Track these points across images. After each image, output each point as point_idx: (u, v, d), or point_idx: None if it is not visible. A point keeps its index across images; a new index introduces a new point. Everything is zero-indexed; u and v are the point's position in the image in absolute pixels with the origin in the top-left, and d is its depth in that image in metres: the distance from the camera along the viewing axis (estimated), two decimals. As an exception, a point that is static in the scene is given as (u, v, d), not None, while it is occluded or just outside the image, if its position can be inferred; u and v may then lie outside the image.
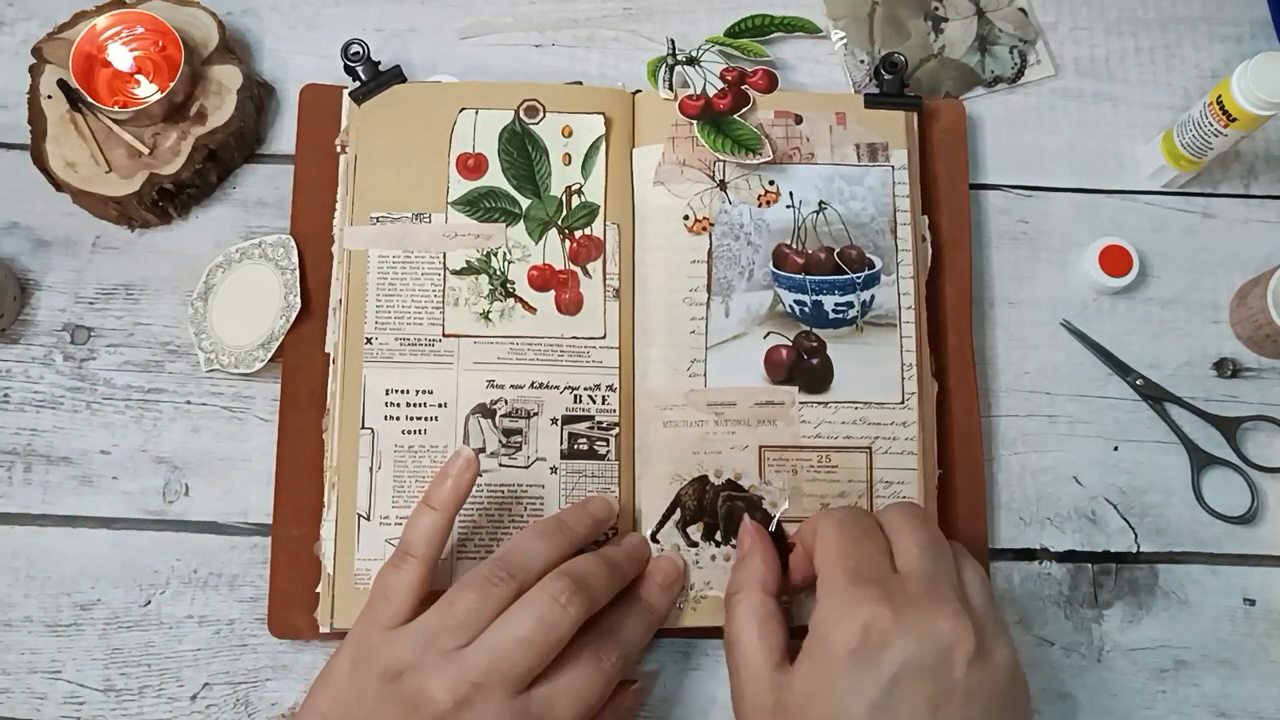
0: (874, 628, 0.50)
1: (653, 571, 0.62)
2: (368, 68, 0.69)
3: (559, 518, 0.59)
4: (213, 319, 0.67)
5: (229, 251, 0.69)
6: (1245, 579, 0.68)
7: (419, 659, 0.53)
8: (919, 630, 0.50)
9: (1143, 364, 0.71)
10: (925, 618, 0.50)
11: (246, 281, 0.68)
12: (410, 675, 0.53)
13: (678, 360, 0.66)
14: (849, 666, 0.50)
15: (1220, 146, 0.68)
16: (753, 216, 0.68)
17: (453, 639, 0.53)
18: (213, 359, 0.67)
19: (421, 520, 0.56)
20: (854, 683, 0.50)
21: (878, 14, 0.76)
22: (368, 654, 0.55)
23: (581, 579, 0.55)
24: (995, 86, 0.75)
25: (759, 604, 0.57)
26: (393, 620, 0.55)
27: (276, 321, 0.66)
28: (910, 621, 0.50)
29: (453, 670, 0.53)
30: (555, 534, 0.58)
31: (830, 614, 0.52)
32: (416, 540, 0.56)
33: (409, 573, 0.55)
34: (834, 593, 0.53)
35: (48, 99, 0.69)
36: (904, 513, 0.56)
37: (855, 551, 0.54)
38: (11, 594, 0.65)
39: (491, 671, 0.52)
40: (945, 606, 0.51)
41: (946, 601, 0.51)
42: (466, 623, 0.54)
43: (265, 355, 0.66)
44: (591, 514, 0.60)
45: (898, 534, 0.55)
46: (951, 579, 0.53)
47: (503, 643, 0.53)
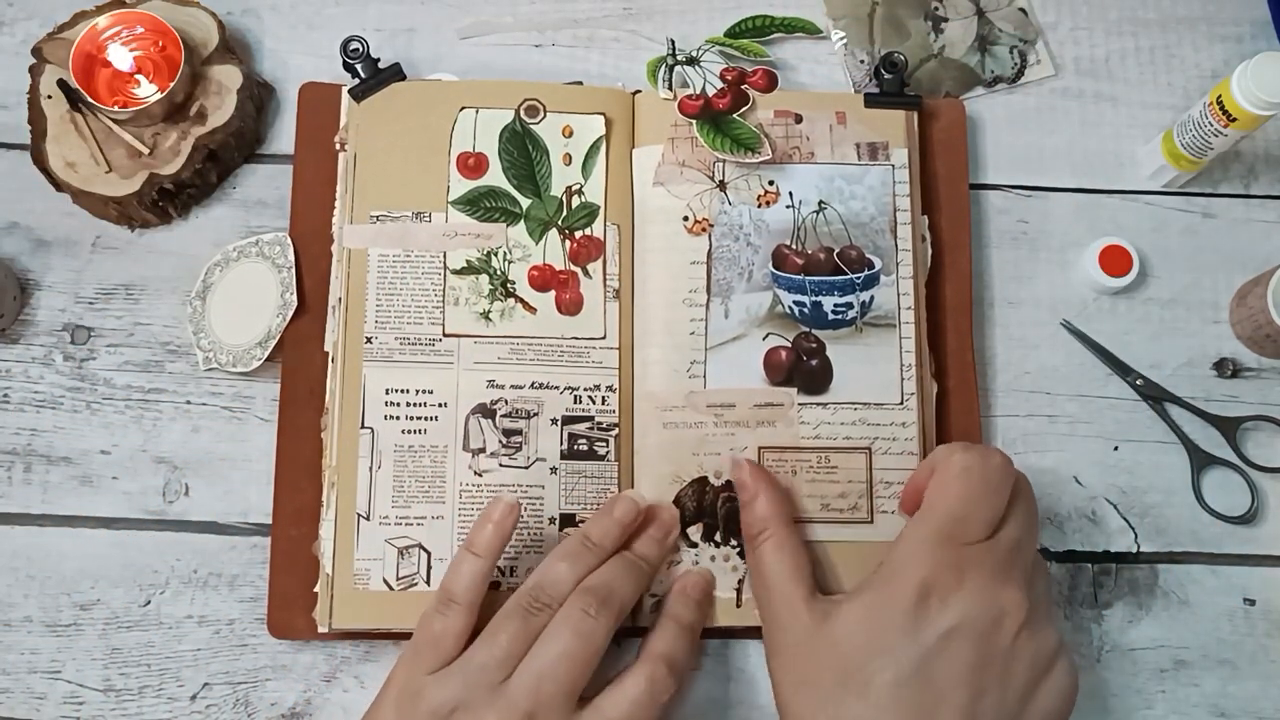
0: (939, 586, 0.52)
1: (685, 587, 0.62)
2: (367, 65, 0.69)
3: (585, 535, 0.59)
4: (211, 318, 0.67)
5: (226, 250, 0.69)
6: (1245, 579, 0.68)
7: (469, 696, 0.54)
8: (980, 595, 0.52)
9: (1143, 364, 0.71)
10: (989, 586, 0.52)
11: (244, 280, 0.68)
12: (462, 713, 0.54)
13: (677, 361, 0.66)
14: (905, 614, 0.52)
15: (1220, 146, 0.68)
16: (752, 217, 0.68)
17: (500, 671, 0.55)
18: (211, 358, 0.67)
19: (464, 566, 0.57)
20: (906, 632, 0.52)
21: (878, 14, 0.76)
22: (413, 698, 0.55)
23: (606, 589, 0.57)
24: (995, 86, 0.75)
25: (785, 537, 0.59)
26: (438, 665, 0.56)
27: (274, 320, 0.66)
28: (974, 585, 0.52)
29: (503, 703, 0.54)
30: (583, 554, 0.58)
31: (905, 559, 0.54)
32: (460, 588, 0.56)
33: (455, 619, 0.56)
34: (919, 540, 0.54)
35: (48, 99, 0.69)
36: (1027, 487, 0.57)
37: (962, 509, 0.54)
38: (11, 594, 0.65)
39: (539, 694, 0.54)
40: (1012, 581, 0.53)
41: (1015, 579, 0.53)
42: (511, 653, 0.55)
43: (263, 354, 0.66)
44: (618, 522, 0.60)
45: (1015, 502, 0.55)
46: (1027, 564, 0.55)
47: (543, 664, 0.54)
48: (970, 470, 0.54)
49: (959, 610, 0.52)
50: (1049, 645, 0.54)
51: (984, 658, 0.52)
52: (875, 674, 0.52)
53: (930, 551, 0.53)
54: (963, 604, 0.52)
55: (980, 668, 0.52)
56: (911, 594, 0.52)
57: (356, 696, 0.64)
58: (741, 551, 0.63)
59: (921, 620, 0.52)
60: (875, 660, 0.52)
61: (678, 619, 0.60)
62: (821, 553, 0.63)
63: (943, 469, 0.55)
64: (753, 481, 0.61)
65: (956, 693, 0.51)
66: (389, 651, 0.65)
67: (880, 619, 0.53)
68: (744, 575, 0.63)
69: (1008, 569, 0.53)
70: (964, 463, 0.55)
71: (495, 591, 0.62)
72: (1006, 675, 0.52)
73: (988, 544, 0.54)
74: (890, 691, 0.51)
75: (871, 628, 0.53)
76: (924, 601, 0.52)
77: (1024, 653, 0.52)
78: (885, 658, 0.52)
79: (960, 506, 0.54)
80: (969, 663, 0.51)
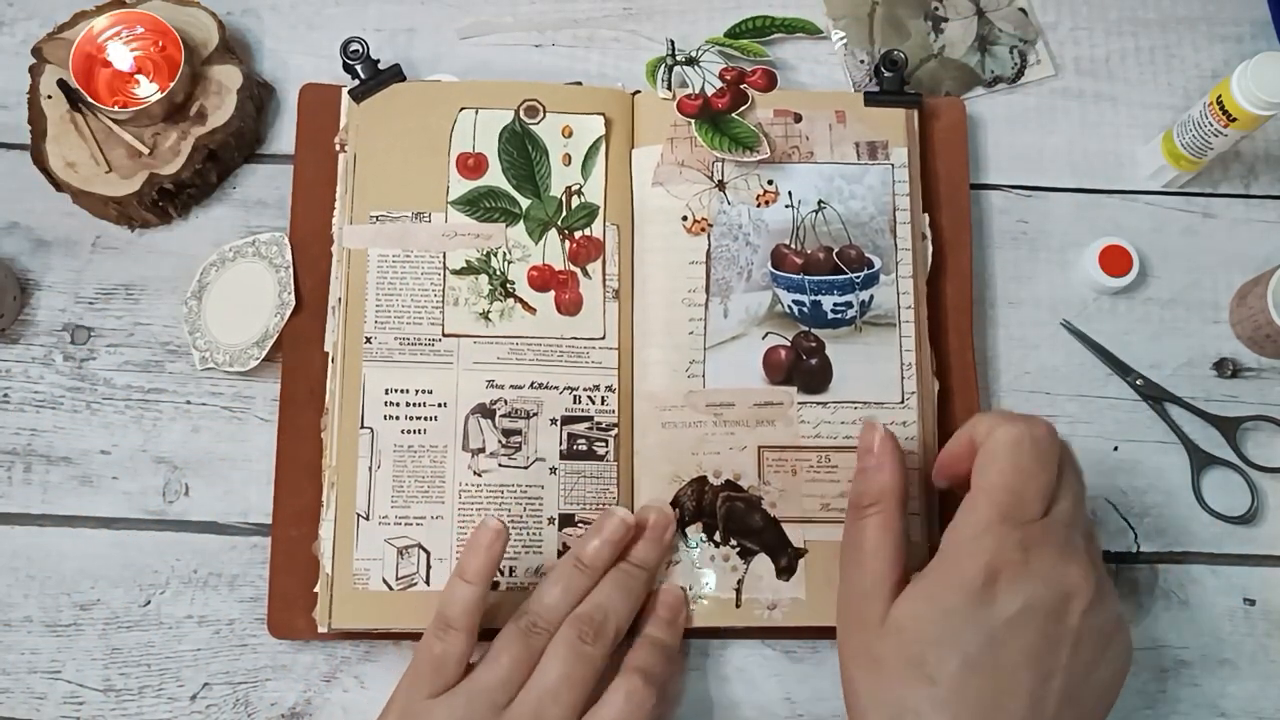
0: (1005, 569, 0.51)
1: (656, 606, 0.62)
2: (367, 66, 0.69)
3: (578, 557, 0.60)
4: (207, 317, 0.67)
5: (223, 250, 0.69)
6: (1245, 579, 0.68)
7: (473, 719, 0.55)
8: (1047, 576, 0.51)
9: (1143, 364, 0.71)
10: (1056, 565, 0.51)
11: (241, 280, 0.68)
12: None
13: (676, 361, 0.66)
14: (971, 599, 0.51)
15: (1220, 146, 0.68)
16: (751, 217, 0.68)
17: (504, 694, 0.56)
18: (207, 357, 0.67)
19: (458, 592, 0.57)
20: (971, 616, 0.51)
21: (878, 14, 0.76)
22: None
23: (600, 613, 0.58)
24: (995, 86, 0.75)
25: (895, 520, 0.57)
26: (441, 688, 0.56)
27: (271, 319, 0.66)
28: (1041, 566, 0.51)
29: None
30: (576, 577, 0.59)
31: (967, 543, 0.52)
32: (456, 614, 0.57)
33: (455, 644, 0.56)
34: (978, 523, 0.52)
35: (48, 99, 0.69)
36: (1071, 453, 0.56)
37: (1018, 485, 0.53)
38: (11, 594, 0.65)
39: (541, 717, 0.55)
40: (1076, 557, 0.52)
41: (1078, 553, 0.52)
42: (513, 677, 0.56)
43: (260, 353, 0.66)
44: (608, 541, 0.60)
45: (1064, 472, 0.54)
46: (1087, 532, 0.54)
47: (545, 687, 0.56)
48: (1020, 443, 0.53)
49: (1026, 592, 0.51)
50: (1113, 618, 0.53)
51: (1052, 640, 0.51)
52: (942, 661, 0.51)
53: (991, 533, 0.52)
54: (1030, 585, 0.51)
55: (1049, 650, 0.51)
56: (978, 578, 0.51)
57: (356, 696, 0.64)
58: (741, 551, 0.63)
59: (988, 605, 0.51)
60: (942, 647, 0.51)
61: (649, 638, 0.61)
62: (823, 553, 0.63)
63: (990, 445, 0.54)
64: (880, 450, 0.59)
65: (1024, 675, 0.50)
66: (389, 651, 0.65)
67: (946, 605, 0.51)
68: (743, 575, 0.63)
69: (1069, 544, 0.52)
70: (1012, 436, 0.53)
71: (495, 591, 0.62)
72: (1074, 654, 0.51)
73: (1046, 521, 0.52)
74: (958, 678, 0.50)
75: (937, 614, 0.52)
76: (990, 586, 0.51)
77: (1091, 630, 0.52)
78: (951, 644, 0.51)
79: (1017, 481, 0.52)
80: (1037, 646, 0.51)
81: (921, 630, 0.52)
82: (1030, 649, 0.50)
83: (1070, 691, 0.51)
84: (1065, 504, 0.53)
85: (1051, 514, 0.53)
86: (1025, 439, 0.53)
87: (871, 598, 0.55)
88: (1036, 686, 0.50)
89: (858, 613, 0.55)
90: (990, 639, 0.50)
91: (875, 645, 0.53)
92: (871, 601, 0.54)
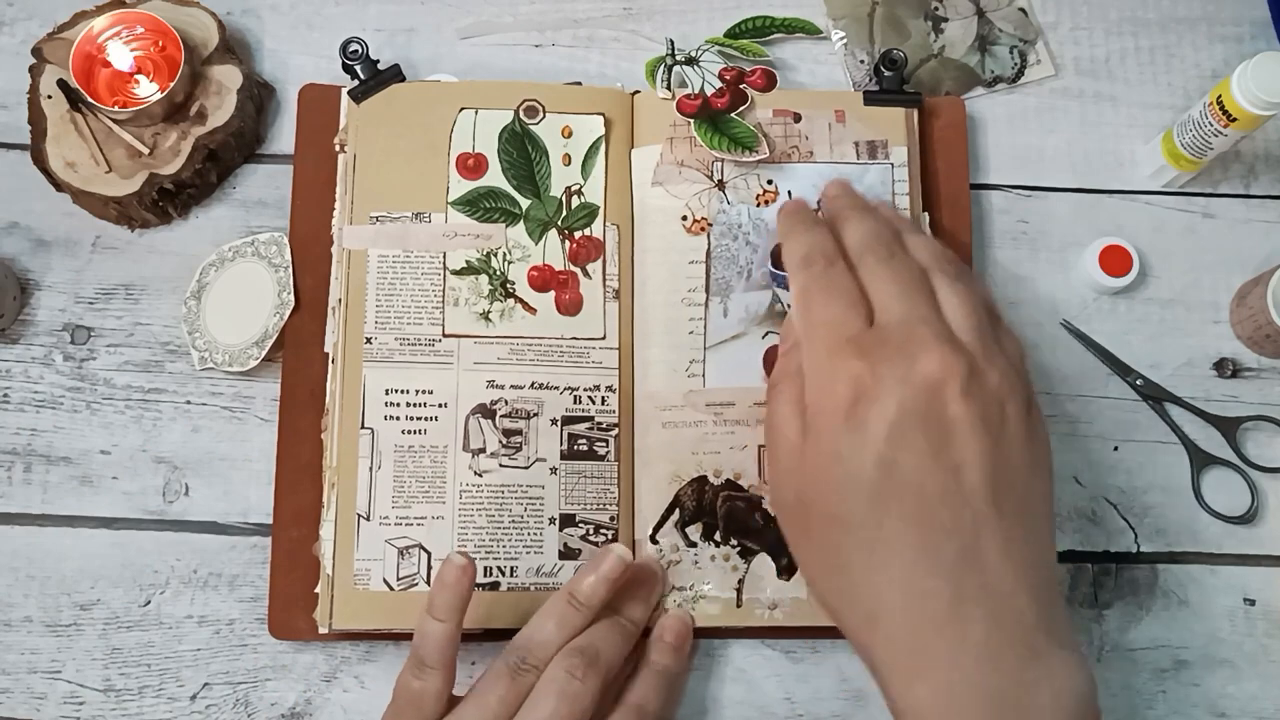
0: (859, 390, 0.49)
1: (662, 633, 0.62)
2: (367, 67, 0.69)
3: (571, 593, 0.58)
4: (206, 317, 0.67)
5: (222, 250, 0.69)
6: (1245, 579, 0.68)
7: None
8: (902, 376, 0.49)
9: (1143, 364, 0.71)
10: (905, 363, 0.49)
11: (240, 280, 0.68)
12: None
13: (676, 361, 0.66)
14: (845, 430, 0.49)
15: (1220, 146, 0.68)
16: (751, 216, 0.68)
17: None
18: (206, 357, 0.67)
19: (429, 630, 0.56)
20: (854, 444, 0.49)
21: (878, 14, 0.76)
22: None
23: (593, 651, 0.57)
24: (995, 86, 0.75)
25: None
26: None
27: (271, 319, 0.66)
28: (892, 371, 0.49)
29: None
30: (570, 614, 0.58)
31: (817, 385, 0.52)
32: (430, 652, 0.56)
33: (433, 681, 0.56)
34: (816, 364, 0.52)
35: (48, 99, 0.69)
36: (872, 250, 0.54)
37: (827, 315, 0.52)
38: (11, 594, 0.65)
39: None
40: (925, 346, 0.50)
41: (925, 341, 0.50)
42: (500, 715, 0.55)
43: (259, 353, 0.66)
44: (605, 579, 0.59)
45: (870, 280, 0.53)
46: (929, 316, 0.51)
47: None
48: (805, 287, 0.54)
49: (888, 400, 0.49)
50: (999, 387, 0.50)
51: (940, 433, 0.49)
52: (851, 504, 0.49)
53: (830, 363, 0.51)
54: (887, 392, 0.49)
55: (944, 444, 0.49)
56: (841, 403, 0.49)
57: (356, 696, 0.64)
58: (742, 551, 0.63)
59: (861, 425, 0.49)
60: (844, 492, 0.49)
61: (654, 666, 0.61)
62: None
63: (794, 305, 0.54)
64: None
65: (933, 479, 0.48)
66: (389, 651, 0.65)
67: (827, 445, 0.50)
68: (744, 575, 0.63)
69: (910, 336, 0.50)
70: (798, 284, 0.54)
71: (495, 591, 0.62)
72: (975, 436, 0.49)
73: (874, 329, 0.51)
74: (869, 512, 0.49)
75: (827, 458, 0.50)
76: (853, 404, 0.49)
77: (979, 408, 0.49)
78: (851, 485, 0.49)
79: (822, 312, 0.52)
80: (928, 445, 0.48)
81: (822, 477, 0.51)
82: (924, 451, 0.48)
83: (993, 476, 0.49)
84: (888, 299, 0.52)
85: (878, 320, 0.52)
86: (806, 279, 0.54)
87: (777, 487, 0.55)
88: (951, 483, 0.48)
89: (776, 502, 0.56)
90: (880, 461, 0.48)
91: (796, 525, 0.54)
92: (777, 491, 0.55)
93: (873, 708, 0.65)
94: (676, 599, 0.63)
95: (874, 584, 0.49)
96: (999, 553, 0.48)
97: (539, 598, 0.61)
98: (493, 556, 0.62)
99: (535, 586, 0.62)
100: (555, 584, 0.62)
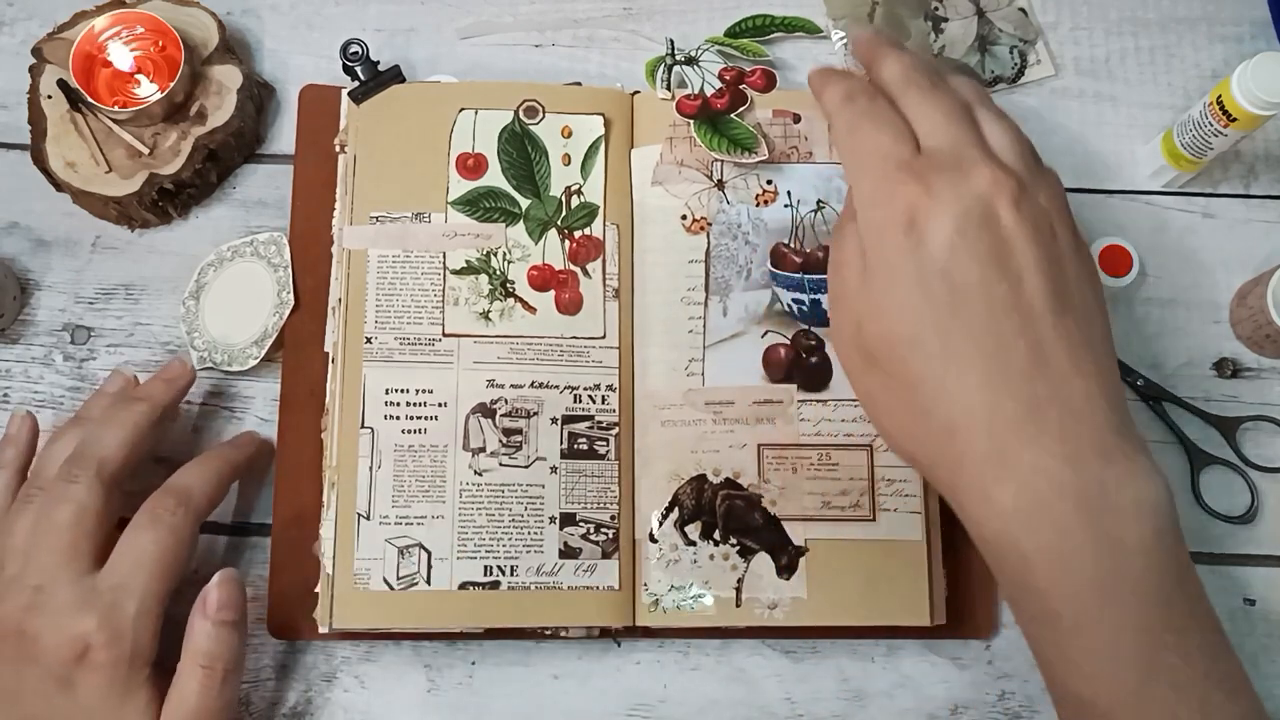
0: (915, 209, 0.50)
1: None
2: (367, 68, 0.69)
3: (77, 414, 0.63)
4: (205, 317, 0.67)
5: (220, 250, 0.69)
6: (1245, 579, 0.68)
7: None
8: (956, 194, 0.50)
9: (1143, 364, 0.71)
10: (958, 181, 0.50)
11: (239, 279, 0.68)
12: None
13: (676, 360, 0.66)
14: (906, 248, 0.50)
15: (1220, 146, 0.68)
16: (750, 216, 0.68)
17: None
18: (206, 357, 0.67)
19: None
20: (916, 261, 0.49)
21: (878, 14, 0.77)
22: None
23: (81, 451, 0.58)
24: (995, 86, 0.75)
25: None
26: None
27: (270, 318, 0.67)
28: (945, 190, 0.50)
29: None
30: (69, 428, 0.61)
31: (872, 214, 0.52)
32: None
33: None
34: (869, 195, 0.52)
35: (48, 99, 0.69)
36: (914, 82, 0.55)
37: (874, 145, 0.53)
38: (11, 594, 0.65)
39: None
40: (975, 165, 0.51)
41: (974, 161, 0.51)
42: None
43: (259, 352, 0.66)
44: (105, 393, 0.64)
45: (914, 111, 0.54)
46: (976, 140, 0.52)
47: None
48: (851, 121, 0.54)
49: (945, 216, 0.49)
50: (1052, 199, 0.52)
51: (998, 242, 0.49)
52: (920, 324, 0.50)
53: (882, 190, 0.51)
54: (943, 208, 0.49)
55: (1005, 254, 0.49)
56: (898, 228, 0.50)
57: (357, 696, 0.64)
58: (741, 550, 0.63)
59: (920, 245, 0.50)
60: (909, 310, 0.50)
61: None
62: (824, 551, 0.63)
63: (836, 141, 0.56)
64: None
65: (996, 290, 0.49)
66: (389, 651, 0.65)
67: (887, 272, 0.51)
68: (744, 574, 0.63)
69: (962, 158, 0.51)
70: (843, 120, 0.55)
71: (496, 591, 0.62)
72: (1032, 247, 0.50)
73: (923, 155, 0.52)
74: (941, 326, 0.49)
75: (887, 284, 0.51)
76: (911, 225, 0.50)
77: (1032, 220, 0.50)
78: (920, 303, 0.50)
79: (867, 142, 0.53)
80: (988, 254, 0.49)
81: (886, 303, 0.51)
82: (985, 260, 0.49)
83: (1053, 283, 0.50)
84: (934, 126, 0.53)
85: (925, 147, 0.52)
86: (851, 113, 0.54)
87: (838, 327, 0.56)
88: (1014, 290, 0.49)
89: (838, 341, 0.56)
90: (943, 273, 0.49)
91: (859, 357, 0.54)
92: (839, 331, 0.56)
93: (873, 708, 0.65)
94: (675, 598, 0.63)
95: (948, 395, 0.49)
96: (1067, 358, 0.49)
97: (539, 597, 0.60)
98: (493, 555, 0.62)
99: (535, 585, 0.62)
100: (556, 583, 0.62)
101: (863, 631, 0.65)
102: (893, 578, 0.63)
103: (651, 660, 0.65)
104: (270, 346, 0.67)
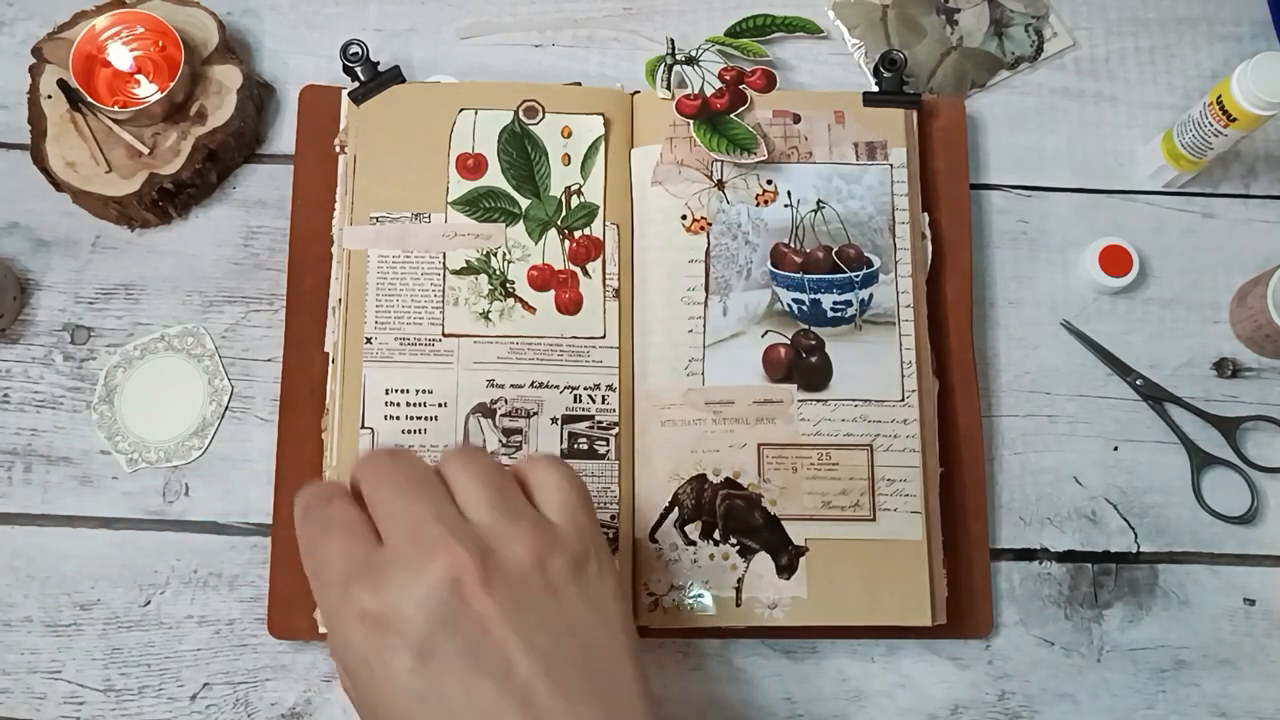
0: (374, 624, 0.43)
1: None
2: (367, 68, 0.69)
3: None
4: (125, 420, 0.67)
5: (127, 350, 0.68)
6: (1245, 579, 0.68)
7: None
8: (414, 595, 0.43)
9: (1143, 364, 0.71)
10: (414, 576, 0.43)
11: (156, 376, 0.68)
12: None
13: (676, 359, 0.66)
14: (377, 679, 0.43)
15: (1220, 146, 0.68)
16: (750, 216, 0.68)
17: None
18: (136, 458, 0.66)
19: None
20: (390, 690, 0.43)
21: (890, 16, 0.76)
22: None
23: None
24: (1019, 67, 0.75)
25: None
26: None
27: (207, 407, 0.67)
28: (401, 592, 0.43)
29: None
30: None
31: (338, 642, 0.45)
32: None
33: None
34: (329, 619, 0.46)
35: (48, 99, 0.69)
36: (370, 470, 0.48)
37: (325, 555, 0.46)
38: (11, 594, 0.65)
39: None
40: (431, 546, 0.44)
41: (432, 542, 0.44)
42: None
43: (203, 443, 0.66)
44: None
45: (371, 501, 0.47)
46: (434, 511, 0.45)
47: None
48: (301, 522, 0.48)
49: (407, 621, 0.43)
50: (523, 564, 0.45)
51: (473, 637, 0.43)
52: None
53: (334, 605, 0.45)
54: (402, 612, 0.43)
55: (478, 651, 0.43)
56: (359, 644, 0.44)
57: (356, 696, 0.64)
58: (741, 550, 0.63)
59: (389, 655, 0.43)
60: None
61: None
62: (824, 551, 0.63)
63: None
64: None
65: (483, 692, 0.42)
66: (389, 651, 0.65)
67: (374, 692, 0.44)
68: (744, 574, 0.63)
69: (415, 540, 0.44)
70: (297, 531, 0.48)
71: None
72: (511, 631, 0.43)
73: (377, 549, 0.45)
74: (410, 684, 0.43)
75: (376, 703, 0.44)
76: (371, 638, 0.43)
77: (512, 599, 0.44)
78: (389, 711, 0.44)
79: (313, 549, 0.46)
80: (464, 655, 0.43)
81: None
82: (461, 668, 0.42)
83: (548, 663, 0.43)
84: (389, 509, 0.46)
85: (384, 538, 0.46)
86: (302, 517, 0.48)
87: None
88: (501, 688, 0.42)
89: None
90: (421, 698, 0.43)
91: None
92: None
93: (872, 708, 0.65)
94: (675, 598, 0.63)
95: None
96: None
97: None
98: (492, 556, 0.62)
99: None
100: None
101: (863, 631, 0.65)
102: (893, 578, 0.63)
103: (651, 660, 0.65)
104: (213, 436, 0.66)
